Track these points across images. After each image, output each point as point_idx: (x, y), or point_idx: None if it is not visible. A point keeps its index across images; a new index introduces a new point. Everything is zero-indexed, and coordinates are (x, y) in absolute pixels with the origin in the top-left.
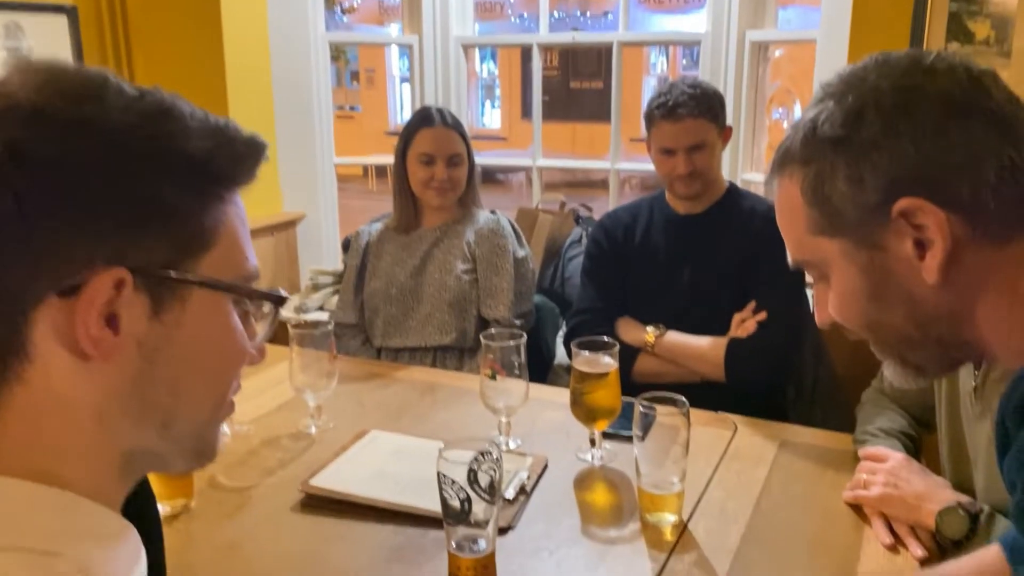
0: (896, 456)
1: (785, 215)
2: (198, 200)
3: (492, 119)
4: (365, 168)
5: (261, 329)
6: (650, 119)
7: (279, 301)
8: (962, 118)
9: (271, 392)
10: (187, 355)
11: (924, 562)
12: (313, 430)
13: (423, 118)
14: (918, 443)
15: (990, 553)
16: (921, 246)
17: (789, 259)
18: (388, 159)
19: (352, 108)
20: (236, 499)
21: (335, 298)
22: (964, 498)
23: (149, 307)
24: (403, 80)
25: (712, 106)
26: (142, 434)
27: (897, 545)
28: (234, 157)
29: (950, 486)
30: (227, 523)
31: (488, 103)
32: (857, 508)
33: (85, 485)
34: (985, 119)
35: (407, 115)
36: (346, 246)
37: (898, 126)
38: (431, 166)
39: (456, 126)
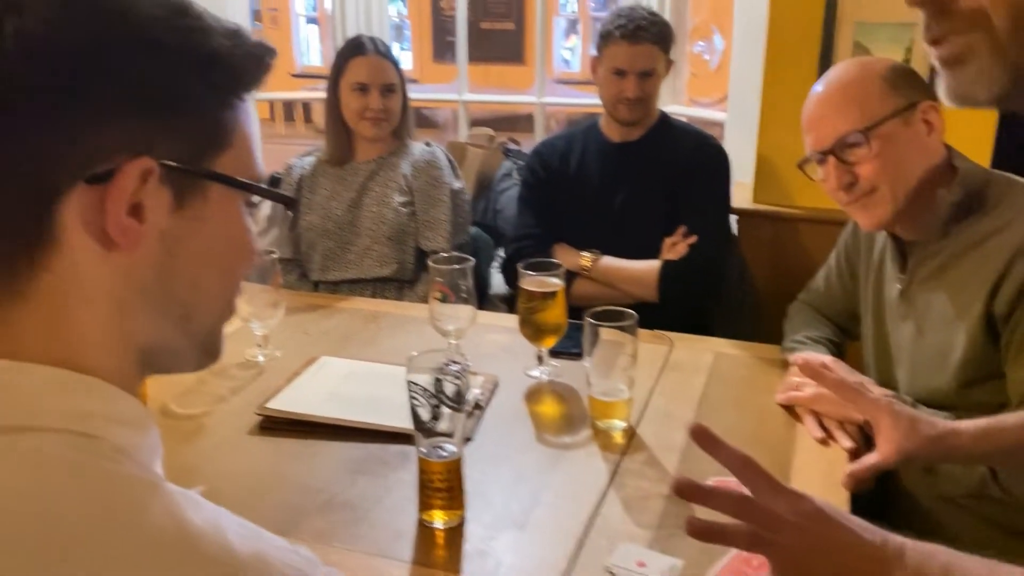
0: (825, 359)
1: None
2: (220, 97)
3: (403, 61)
4: (271, 111)
5: (266, 234)
6: (607, 38)
7: (291, 203)
8: None
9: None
10: (207, 250)
11: (852, 453)
12: (261, 359)
13: (355, 47)
14: (842, 349)
15: None
16: None
17: None
18: (295, 95)
19: None
20: (190, 425)
21: (266, 238)
22: (889, 392)
23: (172, 200)
24: (309, 20)
25: (667, 36)
26: (162, 327)
27: (827, 439)
28: (251, 57)
29: (875, 383)
30: (183, 448)
31: (398, 45)
32: (789, 408)
33: (108, 374)
34: None
35: (314, 56)
36: (274, 183)
37: None
38: (365, 95)
39: (388, 55)
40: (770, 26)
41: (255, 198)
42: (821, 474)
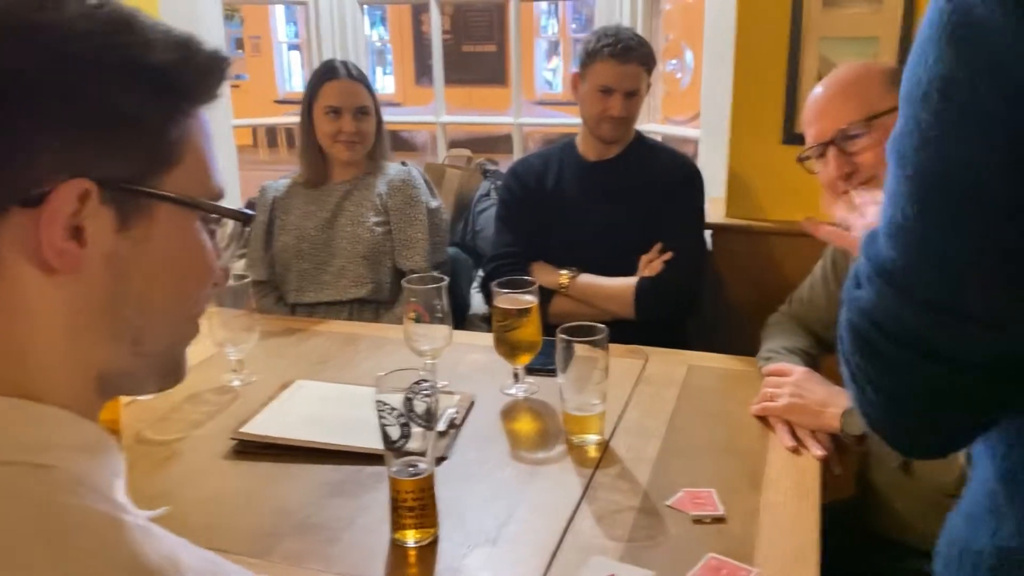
0: (798, 370)
1: None
2: (162, 113)
3: (385, 85)
4: (254, 137)
5: (226, 250)
6: (594, 56)
7: (245, 219)
8: None
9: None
10: (155, 271)
11: (824, 460)
12: (236, 384)
13: (327, 71)
14: (817, 360)
15: None
16: None
17: None
18: (278, 121)
19: (238, 77)
20: (164, 451)
21: (239, 262)
22: None
23: (115, 221)
24: (291, 47)
25: (651, 58)
26: (114, 351)
27: (799, 448)
28: (198, 71)
29: None
30: (157, 474)
31: (380, 69)
32: (762, 419)
33: (65, 400)
34: None
35: (296, 82)
36: (251, 206)
37: None
38: (338, 119)
39: (361, 78)
40: (737, 42)
41: (215, 215)
42: (793, 482)
